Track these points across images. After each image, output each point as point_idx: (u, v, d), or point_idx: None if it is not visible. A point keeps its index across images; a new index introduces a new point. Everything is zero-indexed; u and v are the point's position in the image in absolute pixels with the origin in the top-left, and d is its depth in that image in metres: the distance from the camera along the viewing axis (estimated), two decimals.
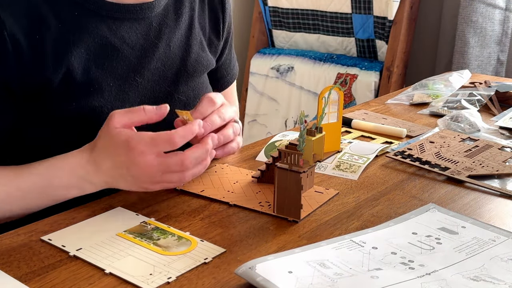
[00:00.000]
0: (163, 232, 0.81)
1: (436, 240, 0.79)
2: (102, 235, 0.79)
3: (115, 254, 0.75)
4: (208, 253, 0.76)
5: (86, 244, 0.77)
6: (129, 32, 0.94)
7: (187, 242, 0.78)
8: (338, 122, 0.91)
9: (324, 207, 0.91)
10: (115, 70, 0.93)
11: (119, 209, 0.87)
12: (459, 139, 1.17)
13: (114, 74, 0.93)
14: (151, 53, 0.96)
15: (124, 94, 0.94)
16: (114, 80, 0.93)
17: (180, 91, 1.00)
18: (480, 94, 1.42)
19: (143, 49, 0.95)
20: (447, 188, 0.98)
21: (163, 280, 0.70)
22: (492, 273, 0.71)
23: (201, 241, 0.79)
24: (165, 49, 0.99)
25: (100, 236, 0.79)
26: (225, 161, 1.08)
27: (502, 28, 2.40)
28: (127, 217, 0.85)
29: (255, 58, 2.75)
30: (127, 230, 0.81)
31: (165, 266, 0.73)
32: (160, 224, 0.83)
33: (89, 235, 0.79)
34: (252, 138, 2.74)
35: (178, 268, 0.72)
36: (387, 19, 2.46)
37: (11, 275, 0.71)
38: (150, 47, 0.96)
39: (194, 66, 1.03)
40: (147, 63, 0.96)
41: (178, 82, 1.01)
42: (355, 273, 0.70)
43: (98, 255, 0.74)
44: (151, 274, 0.71)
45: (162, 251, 0.76)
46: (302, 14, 2.66)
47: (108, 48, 0.91)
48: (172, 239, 0.79)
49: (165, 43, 0.99)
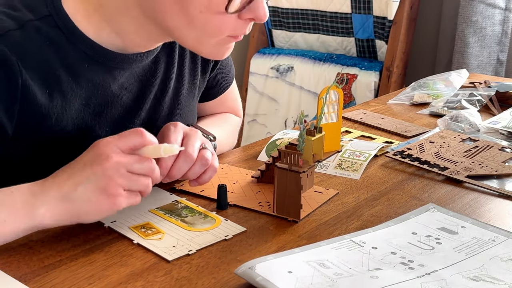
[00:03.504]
0: (191, 210, 0.88)
1: (435, 240, 0.79)
2: (135, 211, 0.86)
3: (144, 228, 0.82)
4: (230, 231, 0.82)
5: (120, 217, 0.84)
6: (129, 78, 0.92)
7: (212, 220, 0.85)
8: (338, 122, 0.91)
9: (324, 207, 0.91)
10: (113, 116, 0.91)
11: (155, 188, 0.91)
12: (459, 139, 1.17)
13: (111, 120, 0.91)
14: (147, 92, 0.95)
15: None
16: (110, 125, 0.91)
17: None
18: (480, 94, 1.42)
19: (140, 90, 0.94)
20: (446, 188, 0.98)
21: (184, 252, 0.76)
22: (492, 273, 0.71)
23: (225, 220, 0.85)
24: (160, 86, 0.97)
25: (133, 211, 0.85)
26: (225, 161, 1.08)
27: (502, 28, 2.41)
28: (161, 196, 0.91)
29: (255, 58, 2.75)
30: (159, 207, 0.88)
31: (188, 240, 0.79)
32: (190, 203, 0.90)
33: (124, 210, 0.82)
34: (252, 138, 2.74)
35: (200, 242, 0.79)
36: (387, 19, 2.46)
37: (11, 275, 0.71)
38: (147, 87, 0.95)
39: (186, 96, 1.03)
40: (144, 103, 0.95)
41: (172, 115, 1.00)
42: (354, 273, 0.70)
43: (129, 228, 0.82)
44: (174, 246, 0.78)
45: (188, 227, 0.83)
46: (302, 14, 2.66)
47: (108, 96, 0.90)
48: (198, 217, 0.86)
49: (161, 79, 0.97)
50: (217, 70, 1.11)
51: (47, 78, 0.83)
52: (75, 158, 0.81)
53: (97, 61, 0.87)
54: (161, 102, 0.98)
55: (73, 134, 0.88)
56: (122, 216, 0.85)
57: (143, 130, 0.78)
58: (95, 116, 0.89)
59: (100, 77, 0.88)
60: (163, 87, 0.98)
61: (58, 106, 0.85)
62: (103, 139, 0.77)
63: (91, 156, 0.76)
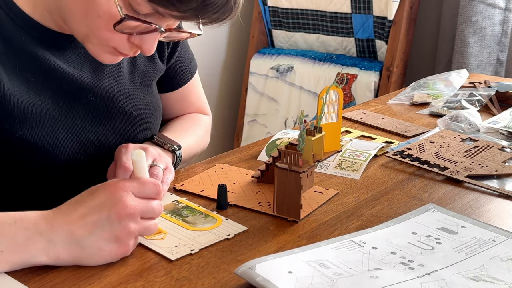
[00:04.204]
0: (192, 210, 0.88)
1: (435, 240, 0.79)
2: None
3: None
4: (231, 230, 0.83)
5: None
6: (73, 56, 0.93)
7: (213, 220, 0.85)
8: (337, 122, 0.91)
9: (323, 207, 0.91)
10: (66, 91, 0.92)
11: None
12: (459, 139, 1.17)
13: (65, 95, 0.92)
14: (100, 71, 0.96)
15: (75, 112, 0.93)
16: (65, 100, 0.92)
17: (131, 104, 1.01)
18: (480, 94, 1.42)
19: (91, 69, 0.95)
20: (446, 188, 0.98)
21: (186, 252, 0.77)
22: (492, 273, 0.71)
23: (226, 219, 0.86)
24: (114, 65, 0.98)
25: None
26: (225, 161, 1.08)
27: (502, 28, 2.40)
28: None
29: (255, 58, 2.75)
30: None
31: (190, 240, 0.80)
32: (191, 203, 0.90)
33: None
34: (252, 138, 2.74)
35: (202, 242, 0.79)
36: (386, 19, 2.46)
37: (11, 275, 0.71)
38: (98, 66, 0.96)
39: (142, 78, 1.04)
40: (99, 82, 0.96)
41: (130, 95, 1.01)
42: (354, 273, 0.70)
43: None
44: (177, 246, 0.78)
45: (189, 227, 0.83)
46: (302, 14, 2.66)
47: (56, 71, 0.90)
48: (199, 216, 0.86)
49: None
50: (176, 60, 1.12)
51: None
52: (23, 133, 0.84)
53: (34, 36, 0.89)
54: (118, 81, 0.99)
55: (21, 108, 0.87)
56: None
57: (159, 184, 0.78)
58: (42, 90, 0.89)
59: (39, 51, 0.89)
60: (116, 67, 0.99)
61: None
62: (119, 181, 0.76)
63: (106, 198, 0.74)
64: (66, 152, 0.92)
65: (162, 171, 0.88)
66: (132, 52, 0.85)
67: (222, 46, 2.83)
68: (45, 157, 0.90)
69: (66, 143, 0.92)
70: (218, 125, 2.85)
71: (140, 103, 1.02)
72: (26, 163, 0.89)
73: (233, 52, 2.88)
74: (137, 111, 1.01)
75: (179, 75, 1.14)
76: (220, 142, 2.89)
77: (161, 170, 0.88)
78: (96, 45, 0.84)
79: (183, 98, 1.18)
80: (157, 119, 1.08)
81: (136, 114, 1.01)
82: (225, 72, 2.87)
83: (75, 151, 0.93)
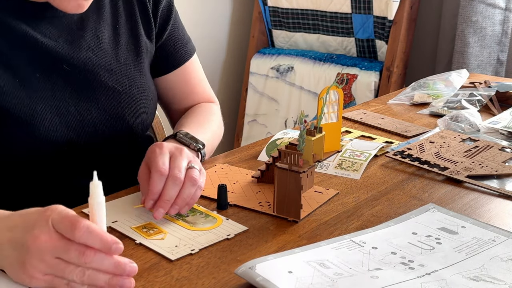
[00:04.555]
0: (192, 210, 0.88)
1: (436, 240, 0.79)
2: (136, 211, 0.87)
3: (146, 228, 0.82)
4: (231, 230, 0.83)
5: (121, 217, 0.85)
6: (49, 27, 0.94)
7: (213, 220, 0.85)
8: (338, 122, 0.91)
9: (324, 207, 0.91)
10: (41, 61, 0.93)
11: None
12: (459, 140, 1.17)
13: (40, 65, 0.92)
14: (77, 43, 0.97)
15: (52, 83, 0.93)
16: (41, 71, 0.92)
17: (114, 80, 1.00)
18: (480, 95, 1.42)
19: (67, 41, 0.96)
20: (447, 188, 0.98)
21: (187, 252, 0.77)
22: (492, 273, 0.71)
23: (226, 219, 0.85)
24: (93, 39, 0.99)
25: (134, 211, 0.87)
26: (225, 161, 1.08)
27: (502, 28, 2.40)
28: None
29: (255, 58, 2.75)
30: None
31: (190, 239, 0.80)
32: None
33: (125, 210, 0.87)
34: (252, 138, 2.74)
35: (202, 242, 0.79)
36: (387, 19, 2.46)
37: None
38: (75, 39, 0.97)
39: (126, 55, 1.03)
40: (76, 53, 0.96)
41: (112, 71, 1.00)
42: (355, 273, 0.70)
43: (130, 228, 0.82)
44: (177, 246, 0.78)
45: (189, 227, 0.83)
46: (302, 14, 2.66)
47: (30, 41, 0.91)
48: (200, 216, 0.86)
49: (92, 33, 0.99)
50: (167, 39, 1.12)
51: None
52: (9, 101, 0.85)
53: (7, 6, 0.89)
54: (97, 55, 0.99)
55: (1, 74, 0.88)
56: (123, 216, 0.85)
57: (82, 225, 0.64)
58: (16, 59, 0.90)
59: (13, 22, 0.90)
60: (95, 41, 0.99)
61: None
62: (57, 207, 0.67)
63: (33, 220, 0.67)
64: (45, 123, 0.91)
65: (198, 174, 0.86)
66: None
67: (222, 46, 2.83)
68: (24, 129, 0.89)
69: (44, 114, 0.91)
70: None
71: (124, 80, 1.01)
72: (5, 136, 0.89)
73: (233, 52, 2.88)
74: (122, 88, 1.01)
75: (172, 55, 1.14)
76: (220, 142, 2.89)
77: (197, 172, 0.86)
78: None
79: (183, 81, 1.16)
80: (149, 100, 1.06)
81: (121, 90, 1.00)
82: (225, 72, 2.87)
83: (55, 124, 0.92)
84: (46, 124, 0.92)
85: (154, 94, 1.09)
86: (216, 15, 2.76)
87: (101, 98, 0.98)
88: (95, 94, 0.98)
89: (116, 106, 1.00)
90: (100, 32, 1.00)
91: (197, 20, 2.64)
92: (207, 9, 2.71)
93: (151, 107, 1.08)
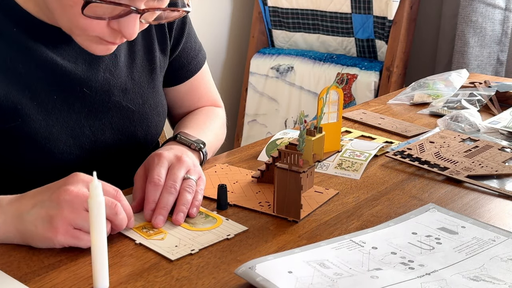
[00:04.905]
0: None
1: (436, 240, 0.79)
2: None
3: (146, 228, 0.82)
4: (231, 230, 0.82)
5: None
6: (68, 49, 0.93)
7: (213, 220, 0.85)
8: (338, 122, 0.91)
9: (324, 207, 0.91)
10: (59, 84, 0.91)
11: None
12: (459, 139, 1.17)
13: (58, 88, 0.91)
14: (95, 64, 0.95)
15: (69, 105, 0.93)
16: (58, 93, 0.92)
17: (128, 99, 1.00)
18: (480, 94, 1.42)
19: (86, 62, 0.94)
20: (446, 188, 0.98)
21: (187, 252, 0.76)
22: (492, 273, 0.71)
23: (226, 219, 0.85)
24: (111, 59, 0.98)
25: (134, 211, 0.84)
26: (225, 161, 1.08)
27: (502, 28, 2.40)
28: None
29: (255, 58, 2.75)
30: None
31: (190, 240, 0.80)
32: None
33: None
34: (252, 138, 2.74)
35: (202, 242, 0.79)
36: (387, 19, 2.46)
37: (11, 275, 0.71)
38: (94, 59, 0.95)
39: (141, 72, 1.02)
40: (94, 75, 0.95)
41: (127, 90, 1.00)
42: (355, 273, 0.70)
43: (131, 228, 0.81)
44: (177, 246, 0.78)
45: (189, 227, 0.83)
46: (302, 14, 2.66)
47: (49, 64, 0.90)
48: (199, 216, 0.86)
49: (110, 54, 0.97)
50: (181, 51, 1.11)
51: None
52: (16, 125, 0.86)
53: (26, 29, 0.88)
54: (114, 75, 0.98)
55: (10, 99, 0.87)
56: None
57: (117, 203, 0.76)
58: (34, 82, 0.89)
59: (31, 44, 0.89)
60: (113, 61, 0.98)
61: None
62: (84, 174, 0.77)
63: (61, 182, 0.76)
64: (60, 146, 0.91)
65: (195, 184, 0.87)
66: (118, 39, 0.84)
67: (222, 46, 2.83)
68: (39, 151, 0.90)
69: (60, 136, 0.91)
70: None
71: (138, 98, 1.01)
72: (19, 156, 0.89)
73: (233, 52, 2.88)
74: (135, 106, 1.00)
75: (185, 66, 1.13)
76: None
77: (193, 182, 0.87)
78: (81, 36, 0.84)
79: (193, 91, 1.16)
80: (160, 116, 1.06)
81: (135, 109, 1.00)
82: (225, 72, 2.87)
83: (70, 145, 0.92)
84: (61, 146, 0.92)
85: (164, 109, 1.09)
86: (216, 15, 2.76)
87: (115, 118, 0.98)
88: (109, 114, 0.97)
89: (129, 125, 1.00)
90: (118, 51, 0.99)
91: (197, 20, 2.64)
92: (207, 9, 2.71)
93: (162, 122, 1.08)
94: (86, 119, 0.95)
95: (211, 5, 2.72)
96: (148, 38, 1.04)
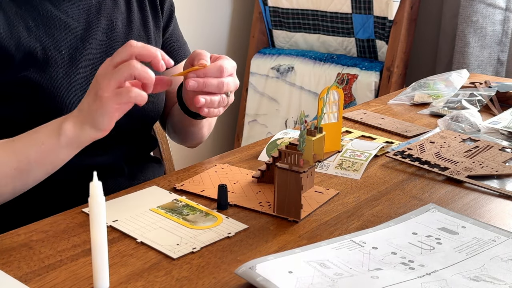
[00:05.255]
0: (192, 208, 0.88)
1: (436, 240, 0.79)
2: (136, 210, 0.88)
3: (147, 226, 0.83)
4: (232, 228, 0.83)
5: (122, 216, 0.85)
6: (72, 7, 1.00)
7: (213, 218, 0.86)
8: (338, 122, 0.91)
9: (324, 207, 0.91)
10: (65, 40, 0.98)
11: (154, 187, 0.95)
12: (460, 140, 1.17)
13: (65, 44, 0.98)
14: (95, 25, 1.02)
15: (77, 61, 0.99)
16: (66, 49, 0.98)
17: None
18: (480, 95, 1.42)
19: (86, 22, 1.01)
20: (447, 188, 0.98)
21: (188, 250, 0.77)
22: (492, 273, 0.71)
23: (226, 218, 0.86)
24: (108, 24, 1.04)
25: (135, 210, 0.87)
26: (225, 161, 1.08)
27: (502, 28, 2.40)
28: (161, 195, 0.93)
29: (255, 58, 2.75)
30: (160, 206, 0.89)
31: (191, 238, 0.80)
32: (190, 202, 0.90)
33: (125, 209, 0.88)
34: (252, 138, 2.74)
35: (203, 240, 0.79)
36: (387, 19, 2.46)
37: (11, 275, 0.71)
38: (93, 20, 1.02)
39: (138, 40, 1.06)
40: (93, 34, 1.01)
41: None
42: (355, 273, 0.70)
43: (131, 227, 0.82)
44: (178, 244, 0.78)
45: (190, 225, 0.83)
46: (302, 14, 2.66)
47: (55, 20, 0.97)
48: (200, 215, 0.86)
49: (107, 18, 1.05)
50: (170, 35, 1.18)
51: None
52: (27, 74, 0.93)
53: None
54: (111, 38, 1.04)
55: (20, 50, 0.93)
56: (123, 215, 0.85)
57: (132, 42, 0.84)
58: (43, 37, 0.96)
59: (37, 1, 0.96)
60: (110, 26, 1.04)
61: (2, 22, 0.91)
62: None
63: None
64: (71, 96, 0.97)
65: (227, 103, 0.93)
66: None
67: (222, 46, 2.83)
68: (51, 100, 0.95)
69: (69, 88, 0.97)
70: (219, 125, 2.84)
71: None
72: (31, 105, 0.95)
73: (234, 52, 2.88)
74: None
75: (175, 50, 1.18)
76: (220, 142, 2.89)
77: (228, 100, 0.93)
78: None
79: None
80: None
81: None
82: None
83: (79, 97, 0.97)
84: (72, 97, 0.97)
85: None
86: (216, 15, 2.76)
87: None
88: None
89: None
90: (114, 18, 1.05)
91: (197, 20, 2.64)
92: (207, 9, 2.71)
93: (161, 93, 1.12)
94: (91, 76, 0.99)
95: (211, 5, 2.72)
96: (143, 11, 1.11)
